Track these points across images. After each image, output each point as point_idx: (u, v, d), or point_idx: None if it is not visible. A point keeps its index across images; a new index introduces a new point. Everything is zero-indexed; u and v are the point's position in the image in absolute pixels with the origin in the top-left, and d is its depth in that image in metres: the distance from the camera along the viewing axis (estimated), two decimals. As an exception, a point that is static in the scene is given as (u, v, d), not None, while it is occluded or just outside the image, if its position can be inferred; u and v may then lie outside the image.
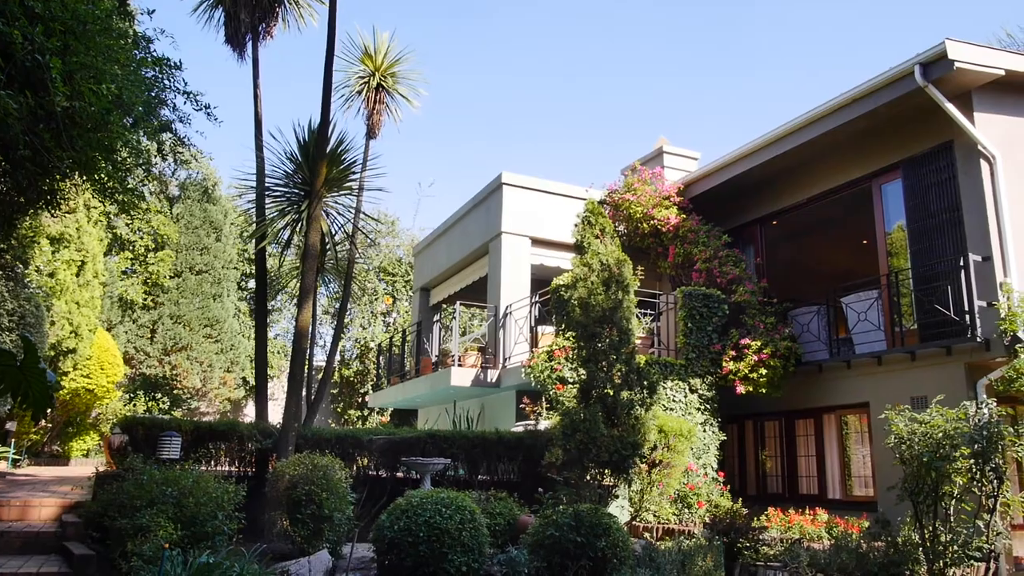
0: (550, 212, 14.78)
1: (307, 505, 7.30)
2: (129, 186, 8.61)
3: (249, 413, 25.56)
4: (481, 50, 49.88)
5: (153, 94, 8.29)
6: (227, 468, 9.95)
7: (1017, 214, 9.97)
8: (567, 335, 10.60)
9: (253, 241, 14.21)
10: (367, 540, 7.17)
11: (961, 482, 8.13)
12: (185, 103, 8.97)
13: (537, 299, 13.17)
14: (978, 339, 9.55)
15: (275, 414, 12.51)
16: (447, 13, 47.42)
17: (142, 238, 23.06)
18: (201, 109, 9.13)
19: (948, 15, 38.74)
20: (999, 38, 22.77)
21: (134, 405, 21.75)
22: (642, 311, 12.33)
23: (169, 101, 8.82)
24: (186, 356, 22.66)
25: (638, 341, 11.06)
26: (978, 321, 9.61)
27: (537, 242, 14.71)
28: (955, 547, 8.04)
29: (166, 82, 8.55)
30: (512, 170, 14.72)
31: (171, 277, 23.42)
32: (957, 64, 9.63)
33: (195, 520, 6.67)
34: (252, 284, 26.67)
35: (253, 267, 24.71)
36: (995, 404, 8.98)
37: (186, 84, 8.82)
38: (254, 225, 12.41)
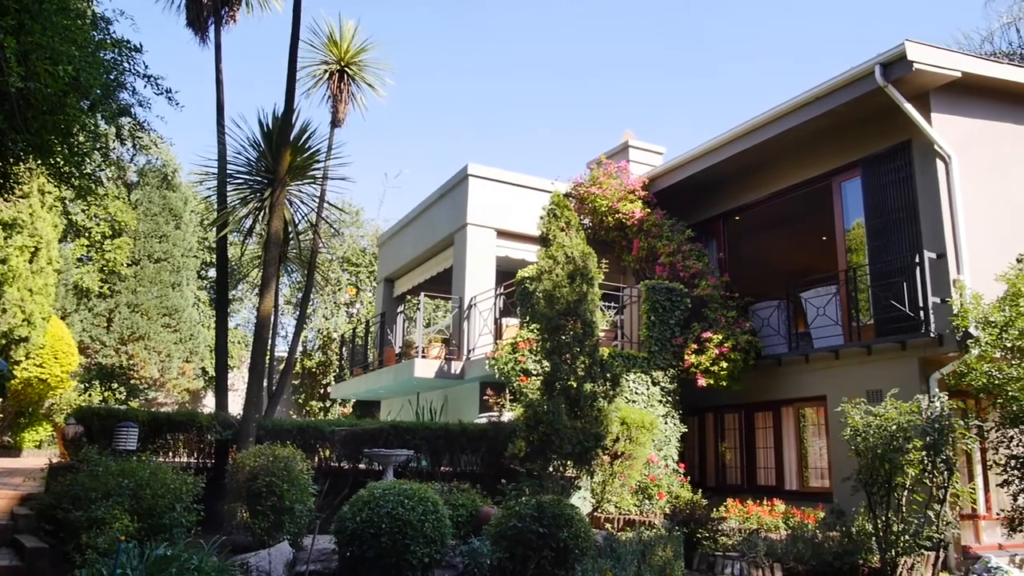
0: (516, 204, 14.78)
1: (268, 497, 7.23)
2: (86, 171, 8.41)
3: (208, 404, 25.20)
4: (448, 43, 49.63)
5: (112, 77, 8.09)
6: (186, 459, 9.80)
7: (971, 213, 10.23)
8: (531, 327, 10.64)
9: (214, 229, 13.99)
10: (329, 532, 7.12)
11: (913, 473, 8.36)
12: (145, 87, 8.77)
13: (502, 291, 13.18)
14: (931, 334, 9.79)
15: (235, 405, 12.35)
16: (415, 4, 47.08)
17: (99, 224, 22.55)
18: (162, 93, 8.93)
19: (909, 16, 39.52)
20: (956, 40, 23.31)
21: (89, 395, 21.29)
22: (606, 304, 12.42)
23: (128, 84, 8.61)
24: (143, 346, 22.24)
25: (602, 334, 11.14)
26: (932, 317, 9.85)
27: (503, 234, 14.71)
28: (907, 536, 8.27)
29: (126, 65, 8.34)
30: (478, 162, 14.68)
31: (128, 265, 22.94)
32: (916, 65, 9.83)
33: (152, 512, 6.56)
34: (212, 273, 26.25)
35: (214, 255, 24.33)
36: (947, 398, 9.25)
37: (146, 67, 8.63)
38: (215, 213, 12.20)
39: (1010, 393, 8.77)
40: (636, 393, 11.67)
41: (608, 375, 9.61)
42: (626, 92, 49.91)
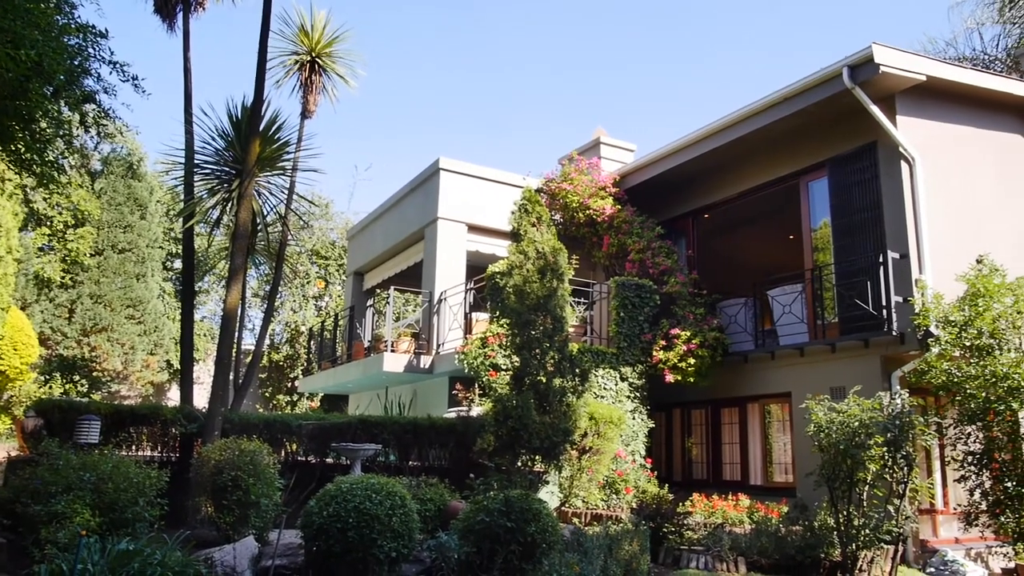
0: (487, 199, 14.76)
1: (233, 491, 7.15)
2: (48, 158, 8.23)
3: (173, 397, 24.84)
4: (423, 36, 49.36)
5: (76, 62, 7.91)
6: (149, 453, 9.67)
7: (933, 214, 10.43)
8: (501, 322, 10.64)
9: (180, 220, 13.78)
10: (295, 526, 7.07)
11: (874, 469, 8.53)
12: (111, 73, 8.61)
13: (472, 286, 13.17)
14: (894, 333, 9.98)
15: (201, 398, 12.20)
16: (387, -6, 46.70)
17: (61, 213, 22.05)
18: (128, 80, 8.77)
19: (880, 18, 40.14)
20: (922, 44, 23.73)
21: (50, 387, 20.84)
22: (576, 300, 12.46)
23: (93, 71, 8.43)
24: (106, 337, 21.83)
25: (571, 329, 11.18)
26: (894, 316, 10.04)
27: (473, 228, 14.69)
28: (867, 531, 8.43)
29: (91, 50, 8.16)
30: (450, 157, 14.64)
31: (92, 255, 22.48)
32: (883, 68, 10.00)
33: (115, 506, 6.47)
34: (178, 264, 25.86)
35: (180, 246, 23.96)
36: (907, 395, 9.44)
37: (112, 54, 8.46)
38: (182, 203, 12.04)
39: (968, 391, 8.98)
40: (605, 388, 11.74)
41: (577, 370, 9.65)
42: (598, 90, 50.09)
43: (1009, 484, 8.76)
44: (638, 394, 12.10)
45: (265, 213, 12.60)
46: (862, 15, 42.06)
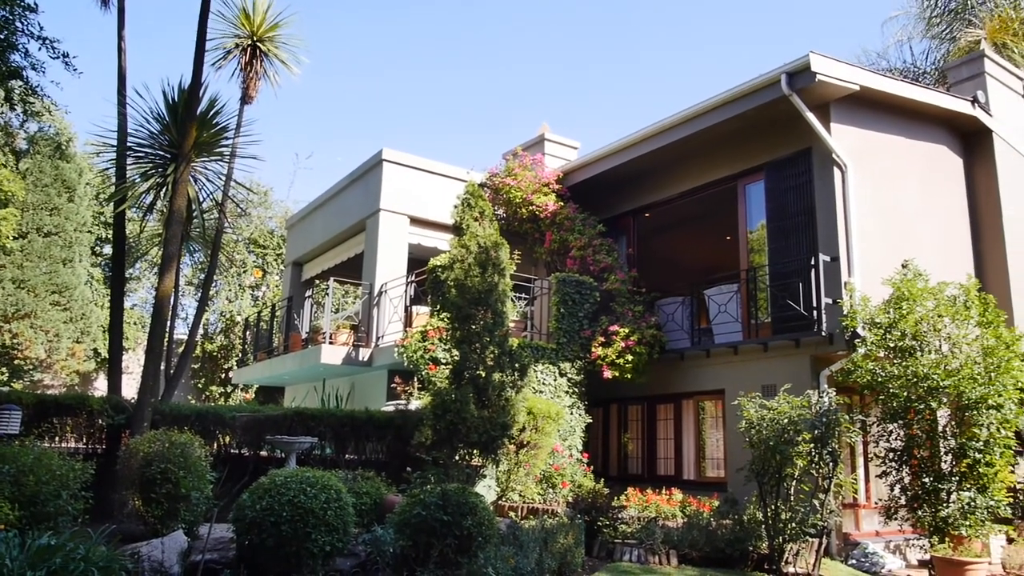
0: (430, 192, 14.68)
1: (162, 484, 6.96)
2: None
3: (100, 387, 24.03)
4: (369, 27, 48.70)
5: (2, 36, 7.58)
6: (74, 445, 9.33)
7: (863, 219, 10.80)
8: (442, 316, 10.61)
9: (111, 204, 13.32)
10: (227, 520, 6.92)
11: (801, 464, 8.81)
12: (40, 49, 8.27)
13: (413, 279, 13.10)
14: (823, 333, 10.30)
15: (130, 389, 11.85)
16: (332, -20, 45.88)
17: (-19, 193, 21.09)
18: (58, 57, 8.45)
19: (820, 28, 41.29)
20: (857, 55, 24.53)
21: (-33, 375, 19.94)
22: (517, 295, 12.51)
23: (20, 45, 8.09)
24: (29, 324, 20.96)
25: (512, 324, 11.21)
26: (824, 317, 10.37)
27: (416, 221, 14.59)
28: (793, 524, 8.71)
29: (18, 24, 7.84)
30: (394, 148, 14.49)
31: (15, 238, 21.56)
32: (819, 76, 10.29)
33: (35, 500, 6.22)
34: (108, 250, 24.98)
35: (110, 231, 23.15)
36: (834, 393, 9.76)
37: (42, 29, 8.15)
38: (113, 187, 11.63)
39: (891, 390, 9.33)
40: (544, 384, 11.82)
41: (517, 365, 9.69)
42: (543, 88, 50.27)
43: (927, 480, 9.16)
44: (576, 389, 12.22)
45: (201, 199, 12.27)
46: (802, 24, 43.22)
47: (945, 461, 9.18)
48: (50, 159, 22.47)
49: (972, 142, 13.01)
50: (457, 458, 9.31)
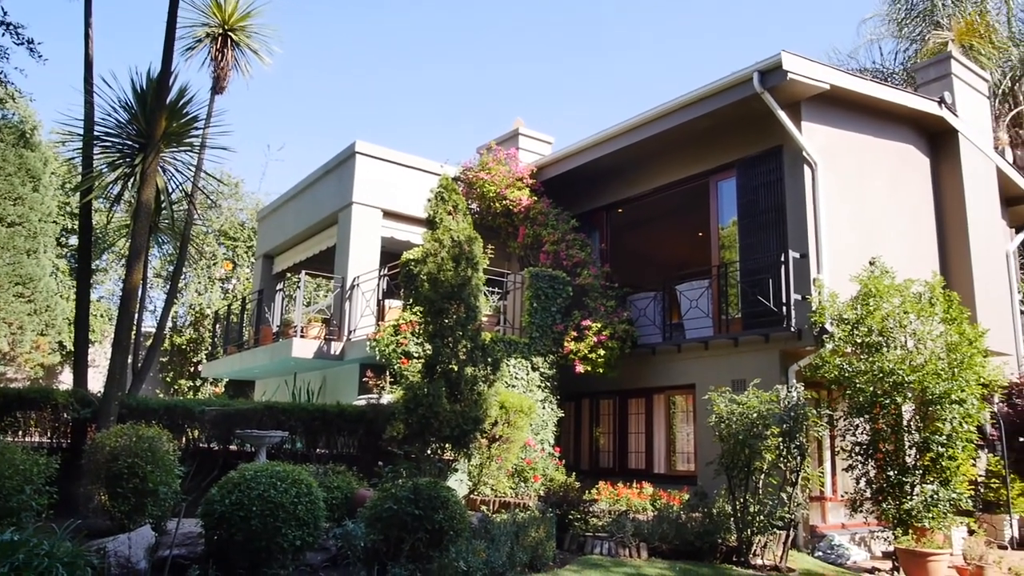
0: (404, 185, 14.60)
1: (129, 478, 6.87)
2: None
3: (66, 380, 23.60)
4: (343, 19, 48.26)
5: (-37, 21, 7.40)
6: (39, 439, 9.17)
7: (832, 217, 10.95)
8: (415, 310, 10.57)
9: (78, 194, 13.07)
10: (196, 515, 6.85)
11: (770, 458, 8.92)
12: (3, 35, 8.09)
13: (386, 272, 13.03)
14: (792, 329, 10.44)
15: (96, 382, 11.65)
16: (305, -30, 45.39)
17: (-58, 182, 20.57)
18: (22, 43, 8.27)
19: (794, 26, 41.70)
20: (828, 55, 24.82)
21: (-74, 368, 19.48)
22: (490, 289, 12.51)
23: (-18, 31, 7.90)
24: (-8, 316, 20.53)
25: (485, 318, 11.22)
26: (793, 313, 10.50)
27: (389, 214, 14.51)
28: (762, 517, 8.82)
29: (-21, 9, 7.64)
30: (368, 141, 14.39)
31: (-23, 228, 21.07)
32: (790, 75, 10.40)
33: (-3, 495, 6.11)
34: (75, 241, 24.53)
35: (76, 222, 22.72)
36: (803, 388, 9.90)
37: (5, 13, 7.97)
38: (79, 176, 11.41)
39: (858, 385, 9.48)
40: (516, 378, 11.84)
41: (489, 359, 9.70)
42: (518, 84, 50.21)
43: (891, 473, 9.32)
44: (549, 384, 12.26)
45: (170, 190, 12.09)
46: (775, 22, 43.62)
47: (909, 455, 9.34)
48: (14, 147, 21.96)
49: (939, 142, 13.25)
50: (429, 452, 9.30)
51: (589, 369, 12.08)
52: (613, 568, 8.14)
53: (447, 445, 9.32)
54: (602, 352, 11.99)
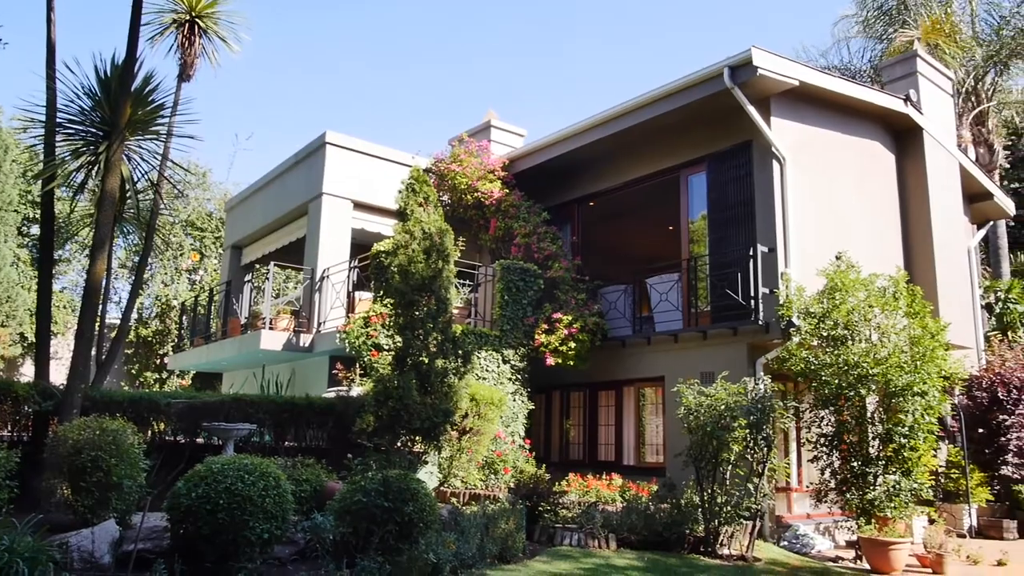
0: (374, 176, 14.51)
1: (93, 472, 6.76)
2: None
3: (27, 372, 23.14)
4: (313, 10, 47.70)
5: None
6: (-2, 432, 8.98)
7: (800, 212, 11.08)
8: (385, 302, 10.52)
9: (39, 182, 12.77)
10: (161, 509, 6.76)
11: (737, 449, 9.04)
12: (-40, 18, 7.83)
13: (356, 264, 12.94)
14: (760, 322, 10.56)
15: (59, 374, 11.43)
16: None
17: (-102, 169, 20.01)
18: (-20, 27, 8.00)
19: (764, 23, 42.06)
20: (798, 52, 25.09)
21: None
22: (461, 281, 12.49)
23: (-61, 13, 7.66)
24: (-50, 306, 20.06)
25: (456, 311, 11.20)
26: (761, 306, 10.62)
27: (359, 206, 14.41)
28: (729, 507, 8.94)
29: (-64, -10, 7.41)
30: (338, 131, 14.26)
31: (-66, 216, 20.55)
32: (760, 71, 10.50)
33: (-44, 489, 5.98)
34: (36, 230, 24.00)
35: (38, 211, 22.23)
36: (770, 380, 10.02)
37: (-38, -4, 7.71)
38: (41, 164, 11.15)
39: (823, 377, 9.63)
40: (487, 370, 11.84)
41: (460, 352, 9.68)
42: (490, 76, 50.08)
43: (855, 464, 9.49)
44: (519, 376, 12.28)
45: (136, 179, 11.86)
46: (747, 22, 43.97)
47: (873, 446, 9.51)
48: (-27, 134, 21.44)
49: (904, 139, 13.46)
50: (399, 444, 9.27)
51: (560, 362, 12.12)
52: (582, 559, 8.19)
53: (417, 437, 9.29)
54: (573, 345, 12.03)
